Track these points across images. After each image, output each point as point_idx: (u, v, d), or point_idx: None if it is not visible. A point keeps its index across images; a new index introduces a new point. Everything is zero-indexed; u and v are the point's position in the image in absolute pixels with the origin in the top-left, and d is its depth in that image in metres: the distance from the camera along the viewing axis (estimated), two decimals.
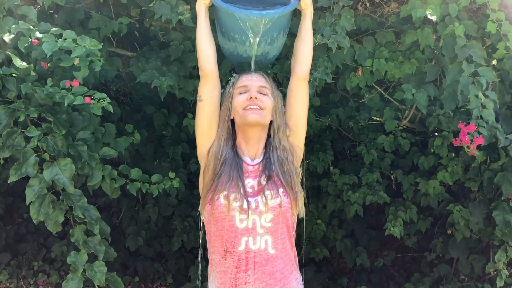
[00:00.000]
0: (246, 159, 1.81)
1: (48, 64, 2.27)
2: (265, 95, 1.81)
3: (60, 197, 2.14)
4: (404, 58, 2.55)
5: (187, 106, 3.14)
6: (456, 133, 2.84)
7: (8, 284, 4.05)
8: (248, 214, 1.70)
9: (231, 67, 2.32)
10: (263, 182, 1.76)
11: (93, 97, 2.00)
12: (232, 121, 1.85)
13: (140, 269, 4.04)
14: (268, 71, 2.26)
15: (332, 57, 2.36)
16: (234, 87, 1.85)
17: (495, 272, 2.91)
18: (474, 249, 3.17)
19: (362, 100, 2.86)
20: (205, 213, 1.77)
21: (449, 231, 3.14)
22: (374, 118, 2.89)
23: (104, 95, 2.01)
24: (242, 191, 1.72)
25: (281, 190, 1.74)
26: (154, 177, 2.41)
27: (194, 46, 2.49)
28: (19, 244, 4.31)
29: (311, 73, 2.07)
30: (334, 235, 3.49)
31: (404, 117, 2.88)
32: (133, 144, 3.05)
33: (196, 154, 1.90)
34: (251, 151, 1.82)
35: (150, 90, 3.28)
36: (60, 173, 2.02)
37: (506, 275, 2.85)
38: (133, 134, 2.77)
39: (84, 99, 1.94)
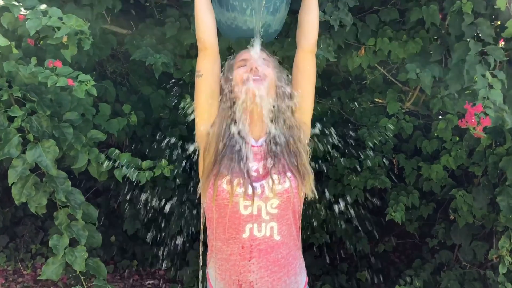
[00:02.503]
0: (250, 139, 1.69)
1: (41, 42, 2.19)
2: (266, 66, 1.70)
3: (44, 179, 2.07)
4: (408, 37, 2.46)
5: (185, 87, 3.06)
6: (461, 115, 2.76)
7: (6, 267, 4.03)
8: (253, 200, 1.61)
9: (228, 44, 2.22)
10: (269, 165, 1.65)
11: (78, 79, 1.91)
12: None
13: (139, 253, 4.01)
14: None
15: (334, 35, 2.28)
16: (234, 61, 1.74)
17: (498, 259, 2.84)
18: (477, 235, 3.10)
19: (365, 82, 2.78)
20: (206, 199, 1.68)
21: (452, 217, 3.07)
22: (377, 100, 2.81)
23: (88, 77, 1.93)
24: (246, 176, 1.61)
25: (288, 174, 1.64)
26: (145, 164, 2.33)
27: (190, 23, 2.40)
28: (17, 227, 4.28)
29: None
30: (335, 220, 3.43)
31: (408, 99, 2.80)
32: (130, 126, 3.00)
33: (194, 137, 1.80)
34: (255, 131, 1.70)
35: (148, 71, 3.22)
36: (44, 154, 1.95)
37: (509, 262, 2.78)
38: (129, 116, 2.69)
39: (67, 80, 1.86)
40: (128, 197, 3.84)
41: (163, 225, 3.86)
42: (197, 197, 1.75)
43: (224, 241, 1.66)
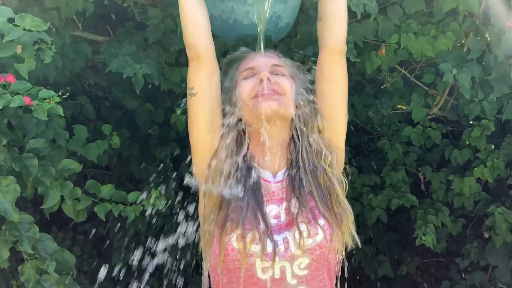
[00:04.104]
0: (265, 174, 1.29)
1: None
2: (282, 75, 1.30)
3: (3, 226, 1.66)
4: (437, 32, 2.07)
5: (175, 99, 2.66)
6: (497, 121, 2.38)
7: None
8: (275, 260, 1.20)
9: (223, 49, 1.81)
10: (294, 209, 1.24)
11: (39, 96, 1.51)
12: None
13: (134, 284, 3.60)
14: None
15: (350, 31, 1.88)
16: (238, 72, 1.34)
17: None
18: None
19: (384, 86, 2.39)
20: (210, 257, 1.27)
21: (486, 235, 2.69)
22: (399, 106, 2.41)
23: (51, 93, 1.53)
24: (263, 227, 1.21)
25: (321, 221, 1.23)
26: (131, 196, 1.92)
27: (177, 24, 2.00)
28: None
29: None
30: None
31: (435, 104, 2.40)
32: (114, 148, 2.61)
33: (188, 155, 1.37)
34: (272, 162, 1.29)
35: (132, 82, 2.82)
36: (1, 196, 1.54)
37: None
38: (111, 137, 2.28)
39: (24, 99, 1.45)
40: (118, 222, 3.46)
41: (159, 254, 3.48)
42: (198, 251, 1.33)
43: None
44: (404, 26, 2.06)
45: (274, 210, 1.26)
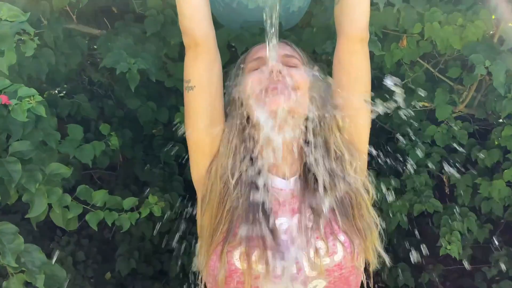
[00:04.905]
0: (275, 180, 1.12)
1: None
2: (294, 67, 1.13)
3: None
4: (465, 20, 1.87)
5: (180, 97, 2.49)
6: None
7: None
8: (285, 283, 1.02)
9: (225, 40, 1.63)
10: (308, 222, 1.06)
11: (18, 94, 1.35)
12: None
13: None
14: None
15: (371, 21, 1.69)
16: (244, 63, 1.18)
17: None
18: None
19: (405, 81, 2.19)
20: (208, 276, 1.10)
21: None
22: (422, 103, 2.22)
23: (32, 91, 1.36)
24: (271, 243, 1.03)
25: (341, 237, 1.05)
26: (127, 202, 1.75)
27: (177, 15, 1.83)
28: None
29: None
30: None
31: (461, 100, 2.20)
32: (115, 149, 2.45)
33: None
34: (282, 167, 1.12)
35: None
36: None
37: None
38: (109, 137, 2.13)
39: (0, 98, 1.30)
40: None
41: (165, 257, 3.33)
42: (193, 269, 1.16)
43: None
44: (428, 15, 1.86)
45: (285, 224, 1.08)
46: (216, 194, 1.10)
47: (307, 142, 1.12)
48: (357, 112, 1.16)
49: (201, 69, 1.13)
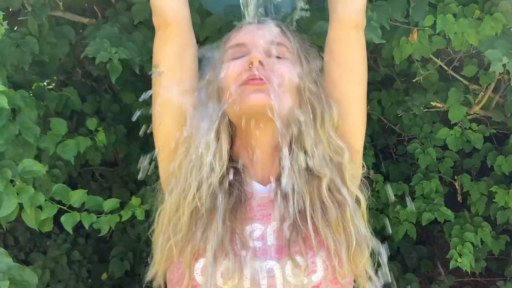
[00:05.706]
0: (251, 183, 0.98)
1: None
2: (280, 58, 0.97)
3: None
4: (482, 13, 1.71)
5: None
6: None
7: None
8: None
9: (218, 26, 1.48)
10: (287, 231, 0.91)
11: None
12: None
13: None
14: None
15: (374, 11, 1.53)
16: (224, 49, 1.02)
17: None
18: None
19: (416, 79, 2.04)
20: (168, 283, 0.97)
21: None
22: (434, 104, 2.06)
23: None
24: (242, 253, 0.89)
25: (322, 253, 0.90)
26: (107, 204, 1.62)
27: None
28: None
29: None
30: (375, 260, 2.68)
31: (477, 101, 2.04)
32: (112, 144, 2.36)
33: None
34: (260, 168, 0.99)
35: (134, 73, 2.55)
36: None
37: None
38: (96, 133, 2.02)
39: None
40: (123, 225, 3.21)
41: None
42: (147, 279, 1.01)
43: None
44: (441, 6, 1.71)
45: (258, 230, 0.93)
46: (182, 193, 0.95)
47: (290, 145, 0.96)
48: (350, 110, 1.01)
49: (171, 53, 1.00)
